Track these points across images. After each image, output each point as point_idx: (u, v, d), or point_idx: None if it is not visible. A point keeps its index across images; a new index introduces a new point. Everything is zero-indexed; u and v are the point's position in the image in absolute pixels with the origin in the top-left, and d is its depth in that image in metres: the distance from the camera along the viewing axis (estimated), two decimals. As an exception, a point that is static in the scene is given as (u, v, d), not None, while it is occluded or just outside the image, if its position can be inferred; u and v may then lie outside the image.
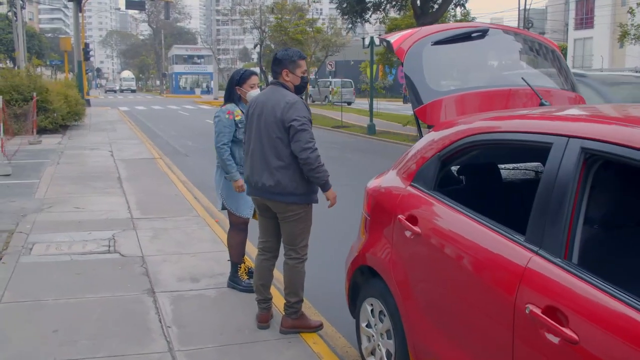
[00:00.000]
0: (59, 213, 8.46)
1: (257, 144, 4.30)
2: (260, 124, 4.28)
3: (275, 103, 4.23)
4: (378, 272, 3.70)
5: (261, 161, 4.28)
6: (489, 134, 3.07)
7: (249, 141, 4.40)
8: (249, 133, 4.41)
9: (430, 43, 4.02)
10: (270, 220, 4.53)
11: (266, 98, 4.33)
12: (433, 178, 3.39)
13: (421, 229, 3.23)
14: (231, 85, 5.34)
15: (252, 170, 4.37)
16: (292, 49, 4.48)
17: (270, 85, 4.44)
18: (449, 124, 3.54)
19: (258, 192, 4.36)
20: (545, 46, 4.37)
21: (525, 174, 4.23)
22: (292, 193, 4.24)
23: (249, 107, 4.51)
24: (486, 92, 4.01)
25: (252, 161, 4.35)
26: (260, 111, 4.30)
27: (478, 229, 2.89)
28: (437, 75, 4.13)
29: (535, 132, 2.74)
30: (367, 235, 3.90)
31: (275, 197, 4.26)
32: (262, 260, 4.63)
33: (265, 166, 4.26)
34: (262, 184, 4.28)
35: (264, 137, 4.25)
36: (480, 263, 2.79)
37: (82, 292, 5.34)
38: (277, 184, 4.22)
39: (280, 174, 4.21)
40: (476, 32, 4.10)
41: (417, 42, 4.00)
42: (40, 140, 17.71)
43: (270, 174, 4.23)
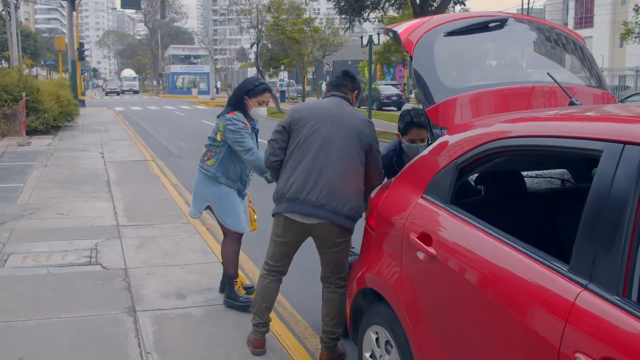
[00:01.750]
0: (40, 220, 7.95)
1: (325, 156, 3.74)
2: (333, 134, 3.75)
3: (354, 117, 3.83)
4: (384, 297, 3.22)
5: (327, 177, 3.72)
6: (520, 138, 2.58)
7: (314, 151, 3.76)
8: (307, 140, 3.79)
9: (443, 34, 3.53)
10: (296, 245, 4.05)
11: (339, 109, 3.88)
12: (449, 189, 2.91)
13: (436, 250, 2.75)
14: (241, 92, 4.79)
15: (305, 184, 3.75)
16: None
17: (337, 98, 3.96)
18: (467, 126, 3.06)
19: (313, 210, 3.74)
20: (570, 39, 3.89)
21: (550, 183, 3.75)
22: (353, 218, 3.77)
23: (299, 112, 3.90)
24: (506, 89, 3.53)
25: (311, 174, 3.75)
26: (335, 120, 3.79)
27: (506, 252, 2.40)
28: (450, 70, 3.65)
29: (579, 136, 2.25)
30: (371, 253, 3.41)
31: (337, 220, 3.72)
32: (270, 281, 4.12)
33: (333, 183, 3.71)
34: (324, 202, 3.70)
35: (339, 150, 3.74)
36: (511, 296, 2.31)
37: (56, 311, 4.84)
38: (344, 205, 3.71)
39: (350, 195, 3.74)
40: (494, 21, 3.61)
41: (428, 32, 3.51)
42: (30, 142, 17.19)
43: (336, 192, 3.71)
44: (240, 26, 43.68)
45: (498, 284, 2.39)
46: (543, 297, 2.14)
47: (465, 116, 3.36)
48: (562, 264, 2.17)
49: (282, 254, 4.06)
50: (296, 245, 4.04)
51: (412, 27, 3.56)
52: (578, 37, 3.94)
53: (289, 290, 5.23)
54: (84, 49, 40.99)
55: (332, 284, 3.99)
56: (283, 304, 5.14)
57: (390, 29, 3.71)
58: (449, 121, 3.36)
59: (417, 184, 3.15)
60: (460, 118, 3.35)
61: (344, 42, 44.73)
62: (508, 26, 3.67)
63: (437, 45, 3.51)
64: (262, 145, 4.21)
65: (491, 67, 3.94)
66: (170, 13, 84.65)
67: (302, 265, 4.74)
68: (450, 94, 3.39)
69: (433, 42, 3.50)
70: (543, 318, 2.11)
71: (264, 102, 4.79)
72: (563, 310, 2.03)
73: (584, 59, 3.92)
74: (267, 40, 39.58)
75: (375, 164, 3.84)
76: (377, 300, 3.34)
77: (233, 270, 5.04)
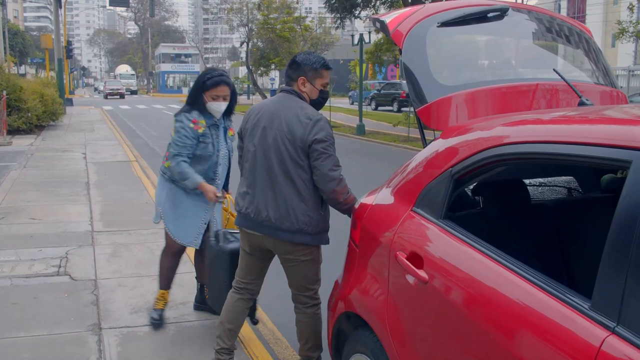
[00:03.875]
0: (9, 225, 7.52)
1: (262, 166, 3.40)
2: (267, 140, 3.37)
3: (291, 116, 3.34)
4: (368, 322, 2.82)
5: (266, 187, 3.39)
6: (528, 144, 2.18)
7: (251, 161, 3.46)
8: (249, 150, 3.48)
9: (436, 24, 3.13)
10: (261, 262, 3.68)
11: (277, 108, 3.41)
12: (443, 202, 2.52)
13: (428, 274, 2.35)
14: (198, 87, 4.29)
15: (252, 197, 3.45)
16: (316, 55, 3.50)
17: (283, 93, 3.49)
18: (464, 129, 2.67)
19: (257, 227, 3.44)
20: (576, 31, 3.50)
21: (556, 193, 3.36)
22: (301, 231, 3.35)
23: (247, 116, 3.55)
24: (507, 87, 3.14)
25: (253, 186, 3.45)
26: (269, 124, 3.39)
27: (513, 282, 2.01)
28: (444, 65, 3.26)
29: (602, 144, 1.86)
30: (355, 272, 3.02)
31: (280, 235, 3.37)
32: (237, 299, 3.73)
33: (270, 194, 3.37)
34: (265, 216, 3.38)
35: (272, 157, 3.35)
36: (518, 336, 1.92)
37: (13, 329, 4.42)
38: (284, 217, 3.33)
39: (291, 206, 3.33)
40: (493, 11, 3.22)
41: (419, 23, 3.11)
42: (11, 142, 16.72)
43: (276, 204, 3.35)
44: (230, 25, 43.18)
45: (502, 320, 2.00)
46: (559, 340, 1.75)
47: (461, 117, 2.98)
48: (582, 299, 1.78)
49: (246, 267, 3.71)
50: (259, 260, 3.67)
51: (401, 17, 3.17)
52: (584, 29, 3.56)
53: (269, 304, 4.84)
54: (72, 47, 40.36)
55: (301, 304, 3.62)
56: (263, 320, 4.73)
57: (377, 19, 3.32)
58: (442, 123, 2.98)
59: (406, 195, 2.75)
60: (455, 119, 2.97)
61: (335, 40, 44.37)
62: (508, 16, 3.29)
63: (430, 37, 3.11)
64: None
65: (490, 63, 3.56)
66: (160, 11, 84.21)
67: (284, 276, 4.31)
68: (444, 92, 3.00)
69: (425, 33, 3.11)
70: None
71: (219, 96, 4.24)
72: (587, 357, 1.64)
73: (591, 53, 3.54)
74: (258, 39, 39.16)
75: (317, 168, 3.31)
76: (362, 324, 2.95)
77: (163, 283, 4.67)
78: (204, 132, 4.25)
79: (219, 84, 4.23)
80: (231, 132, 4.50)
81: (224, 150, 4.42)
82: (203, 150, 4.28)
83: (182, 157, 4.18)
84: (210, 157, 4.33)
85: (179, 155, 4.18)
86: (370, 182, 4.12)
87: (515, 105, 3.07)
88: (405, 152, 16.34)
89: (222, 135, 4.41)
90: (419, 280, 2.38)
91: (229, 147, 4.47)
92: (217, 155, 4.36)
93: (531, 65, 3.60)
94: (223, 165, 4.45)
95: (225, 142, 4.44)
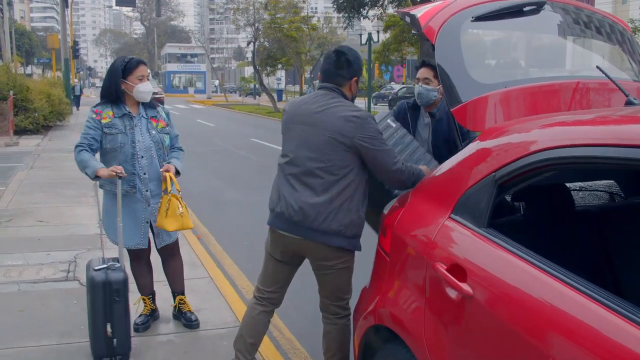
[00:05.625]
0: (17, 228, 7.35)
1: (301, 164, 3.19)
2: (307, 139, 3.18)
3: (337, 114, 3.13)
4: (402, 337, 2.63)
5: (305, 187, 3.17)
6: (585, 147, 1.99)
7: (292, 158, 3.24)
8: (288, 146, 3.29)
9: (470, 19, 2.94)
10: (289, 269, 3.49)
11: (320, 106, 3.20)
12: (485, 209, 2.32)
13: (473, 288, 2.16)
14: (114, 77, 4.12)
15: (288, 197, 3.21)
16: (357, 52, 3.35)
17: (325, 91, 3.27)
18: (504, 130, 2.48)
19: (294, 228, 3.20)
20: (616, 27, 3.31)
21: (598, 198, 3.17)
22: (343, 235, 3.15)
23: (286, 113, 3.36)
24: (546, 85, 2.94)
25: (290, 185, 3.23)
26: (313, 121, 3.18)
27: (572, 298, 1.82)
28: (480, 62, 3.07)
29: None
30: (386, 282, 2.82)
31: (318, 237, 3.15)
32: (260, 312, 3.51)
33: (310, 194, 3.15)
34: (302, 217, 3.15)
35: (313, 156, 3.15)
36: (580, 357, 1.72)
37: (21, 338, 4.25)
38: (324, 221, 3.12)
39: (331, 208, 3.12)
40: (529, 4, 3.03)
41: (453, 17, 2.92)
42: (18, 142, 16.60)
43: (316, 205, 3.13)
44: (236, 24, 43.07)
45: (560, 340, 1.81)
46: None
47: (499, 118, 2.78)
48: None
49: (273, 276, 3.49)
50: (289, 267, 3.47)
51: (433, 10, 2.97)
52: (624, 25, 3.36)
53: (287, 312, 4.65)
54: (78, 47, 40.27)
55: (331, 314, 3.42)
56: (280, 328, 4.55)
57: (407, 13, 3.12)
58: (479, 124, 2.78)
59: (442, 201, 2.56)
60: (493, 120, 2.78)
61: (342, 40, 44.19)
62: (545, 10, 3.09)
63: (465, 32, 2.92)
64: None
65: (527, 59, 3.37)
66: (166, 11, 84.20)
67: (304, 281, 4.11)
68: (480, 90, 2.81)
69: (459, 28, 2.92)
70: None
71: (144, 76, 4.14)
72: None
73: (633, 51, 3.34)
74: (264, 39, 39.03)
75: (374, 165, 3.15)
76: (392, 338, 2.76)
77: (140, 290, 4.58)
78: (109, 123, 4.08)
79: (139, 63, 4.17)
80: (162, 124, 4.28)
81: (145, 142, 4.17)
82: (112, 142, 4.08)
83: (81, 147, 4.03)
84: (122, 148, 4.10)
85: (79, 145, 4.05)
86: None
87: (555, 105, 2.88)
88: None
89: (144, 126, 4.20)
90: (463, 294, 2.18)
91: (155, 138, 4.21)
92: (132, 147, 4.12)
93: (570, 62, 3.41)
94: (148, 157, 4.17)
95: (149, 133, 4.21)
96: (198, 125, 25.53)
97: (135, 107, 4.21)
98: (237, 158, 15.38)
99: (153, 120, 4.24)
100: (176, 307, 4.61)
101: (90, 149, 4.05)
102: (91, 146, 4.05)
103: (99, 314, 3.79)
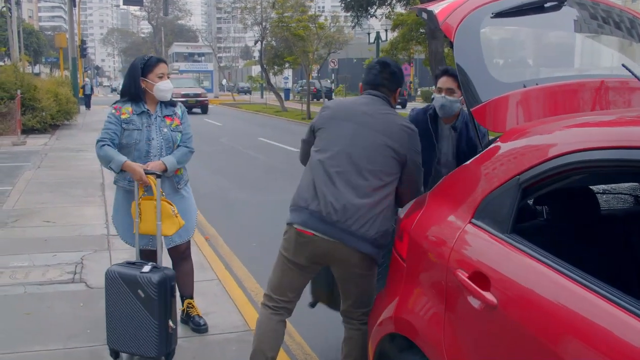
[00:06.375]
0: (23, 229, 7.29)
1: (349, 163, 3.05)
2: (358, 138, 3.07)
3: (388, 121, 3.11)
4: (419, 346, 2.53)
5: (349, 186, 3.02)
6: (617, 150, 1.88)
7: (324, 152, 3.12)
8: (331, 142, 3.13)
9: (490, 15, 2.84)
10: (309, 276, 3.32)
11: (368, 108, 3.15)
12: (509, 214, 2.22)
13: (497, 297, 2.05)
14: (134, 75, 4.09)
15: (328, 194, 3.02)
16: (398, 64, 3.37)
17: (373, 97, 3.22)
18: (528, 132, 2.38)
19: (327, 229, 3.01)
20: (636, 21, 3.18)
21: (622, 201, 3.05)
22: (378, 244, 3.05)
23: (329, 109, 3.25)
24: (570, 84, 2.83)
25: (331, 182, 3.05)
26: (363, 122, 3.10)
27: (606, 310, 1.72)
28: (501, 60, 2.96)
29: None
30: (402, 289, 2.72)
31: (353, 242, 2.99)
32: (277, 322, 3.33)
33: (354, 195, 3.01)
34: (341, 217, 2.99)
35: (364, 157, 3.05)
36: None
37: (27, 343, 4.17)
38: (364, 224, 2.99)
39: (375, 215, 3.01)
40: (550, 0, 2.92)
41: (472, 13, 2.81)
42: (25, 141, 16.56)
43: (359, 207, 2.99)
44: (244, 23, 42.98)
45: (591, 353, 1.71)
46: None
47: (521, 118, 2.68)
48: None
49: (291, 283, 3.29)
50: (309, 274, 3.31)
51: (452, 6, 2.86)
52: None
53: (296, 316, 4.54)
54: (86, 46, 40.28)
55: (355, 320, 3.28)
56: (290, 333, 4.45)
57: (424, 9, 3.01)
58: (499, 124, 2.68)
59: (462, 205, 2.46)
60: (514, 121, 2.67)
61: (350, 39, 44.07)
62: (567, 6, 2.98)
63: (485, 29, 2.82)
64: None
65: (549, 57, 3.26)
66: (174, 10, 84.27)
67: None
68: (500, 89, 2.70)
69: (478, 25, 2.81)
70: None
71: (164, 74, 4.11)
72: None
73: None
74: (272, 37, 38.95)
75: (409, 181, 3.14)
76: (408, 346, 2.65)
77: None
78: (128, 119, 4.05)
79: (159, 61, 4.15)
80: (176, 122, 4.20)
81: (158, 140, 4.11)
82: (128, 138, 4.05)
83: (104, 142, 4.00)
84: (137, 145, 4.06)
85: (101, 140, 4.02)
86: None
87: (579, 104, 2.77)
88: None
89: (157, 125, 4.13)
90: (486, 304, 2.08)
91: (166, 137, 4.14)
92: (147, 144, 4.07)
93: (594, 60, 3.30)
94: (159, 156, 4.09)
95: (161, 132, 4.13)
96: (205, 125, 25.48)
97: (154, 106, 4.17)
98: (244, 158, 15.30)
99: (167, 119, 4.18)
100: (184, 312, 4.52)
101: (112, 144, 4.01)
102: (113, 140, 4.02)
103: (162, 312, 3.72)
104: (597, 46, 3.28)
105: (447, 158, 3.88)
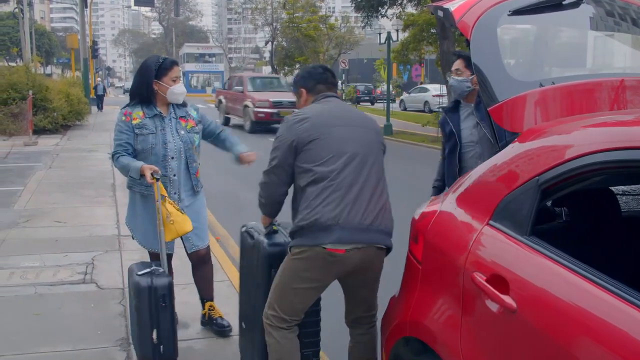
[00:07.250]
0: (34, 229, 7.28)
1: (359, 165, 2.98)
2: (357, 137, 3.03)
3: (363, 117, 3.25)
4: (435, 351, 2.48)
5: (373, 194, 2.97)
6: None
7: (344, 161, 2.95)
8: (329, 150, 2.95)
9: (507, 12, 2.78)
10: (324, 289, 3.14)
11: (344, 108, 3.22)
12: (528, 216, 2.16)
13: (517, 301, 2.00)
14: (146, 76, 3.99)
15: (354, 201, 2.89)
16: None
17: (337, 99, 3.24)
18: (547, 132, 2.32)
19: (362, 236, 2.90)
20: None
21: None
22: (391, 234, 3.08)
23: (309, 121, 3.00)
24: (590, 84, 2.77)
25: (348, 189, 2.90)
26: (353, 122, 3.09)
27: (629, 314, 1.66)
28: (518, 58, 2.90)
29: None
30: (418, 292, 2.67)
31: (383, 240, 2.99)
32: (294, 337, 3.13)
33: (380, 201, 2.99)
34: (373, 218, 2.92)
35: (368, 154, 3.03)
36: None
37: (37, 344, 4.14)
38: (384, 219, 3.00)
39: (388, 206, 3.07)
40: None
41: (489, 11, 2.76)
42: (37, 142, 16.60)
43: (384, 212, 3.01)
44: (254, 24, 43.04)
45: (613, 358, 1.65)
46: None
47: (539, 118, 2.62)
48: None
49: (310, 300, 3.12)
50: (326, 287, 3.14)
51: (468, 4, 2.81)
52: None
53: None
54: (97, 47, 40.47)
55: (365, 324, 3.23)
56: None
57: (440, 7, 2.96)
58: (517, 124, 2.62)
59: (480, 206, 2.40)
60: (532, 120, 2.61)
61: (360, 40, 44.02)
62: (586, 4, 2.92)
63: (502, 27, 2.76)
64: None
65: (568, 56, 3.19)
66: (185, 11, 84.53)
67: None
68: (518, 88, 2.64)
69: (496, 22, 2.76)
70: None
71: (177, 77, 4.03)
72: None
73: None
74: (282, 38, 39.01)
75: None
76: (424, 350, 2.60)
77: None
78: (140, 124, 3.96)
79: (173, 64, 4.06)
80: (191, 124, 4.13)
81: (176, 143, 4.03)
82: (143, 143, 3.96)
83: (119, 154, 3.94)
84: (153, 149, 3.97)
85: (116, 152, 3.96)
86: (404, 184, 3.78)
87: (599, 104, 2.71)
88: (434, 153, 15.92)
89: (173, 126, 4.06)
90: (505, 308, 2.03)
91: (184, 139, 4.06)
92: (164, 148, 3.98)
93: (614, 58, 3.23)
94: (178, 159, 4.04)
95: (178, 134, 4.06)
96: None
97: (166, 108, 4.08)
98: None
99: (182, 121, 4.11)
100: (206, 315, 4.47)
101: (127, 153, 3.94)
102: (127, 150, 3.95)
103: (145, 320, 3.57)
104: (615, 44, 3.22)
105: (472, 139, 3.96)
